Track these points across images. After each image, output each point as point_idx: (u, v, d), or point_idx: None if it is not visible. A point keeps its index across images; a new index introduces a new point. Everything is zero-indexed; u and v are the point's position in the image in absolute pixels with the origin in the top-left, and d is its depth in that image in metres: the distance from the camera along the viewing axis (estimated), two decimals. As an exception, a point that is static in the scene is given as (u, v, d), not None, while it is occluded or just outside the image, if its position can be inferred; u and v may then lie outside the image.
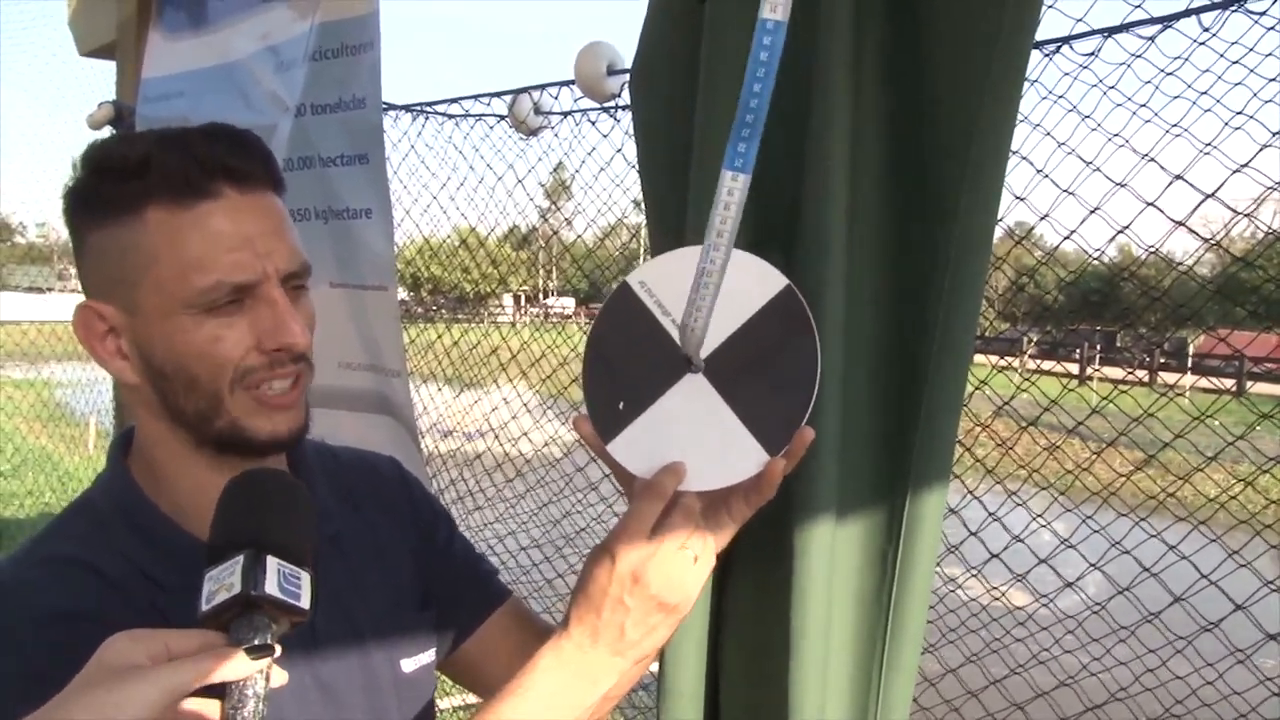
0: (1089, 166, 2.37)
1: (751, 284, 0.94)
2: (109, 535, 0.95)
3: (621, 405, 0.94)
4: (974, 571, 2.55)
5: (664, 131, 1.27)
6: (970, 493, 2.49)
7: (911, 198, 1.08)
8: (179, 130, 0.93)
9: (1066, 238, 2.46)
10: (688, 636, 1.16)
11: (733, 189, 0.86)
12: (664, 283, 0.96)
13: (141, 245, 0.90)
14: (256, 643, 0.70)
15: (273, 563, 0.73)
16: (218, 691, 0.70)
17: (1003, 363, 2.64)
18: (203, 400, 0.93)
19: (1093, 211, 2.38)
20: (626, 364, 0.96)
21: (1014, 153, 2.31)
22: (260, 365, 0.93)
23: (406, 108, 3.45)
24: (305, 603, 0.74)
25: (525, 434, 4.12)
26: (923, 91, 1.07)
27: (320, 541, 1.04)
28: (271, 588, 0.72)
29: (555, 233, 4.81)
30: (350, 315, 2.14)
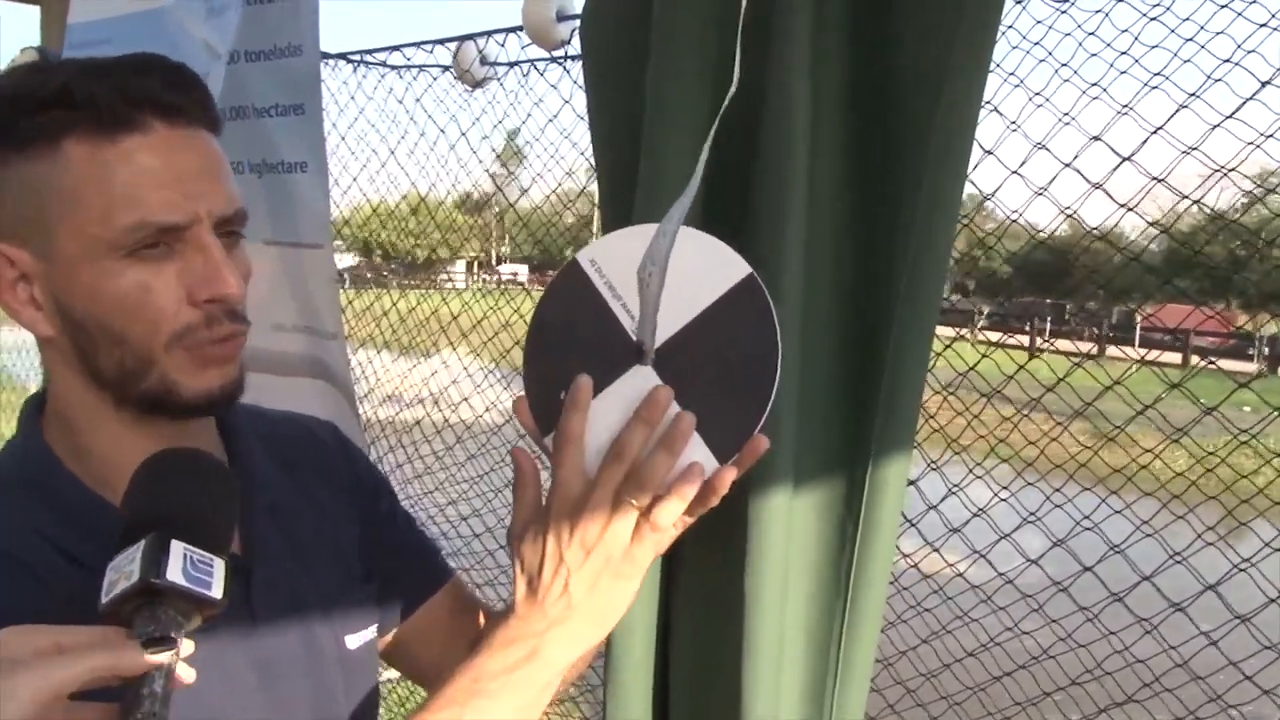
0: (1037, 147, 2.33)
1: (711, 269, 0.86)
2: (21, 510, 0.86)
3: (563, 395, 0.86)
4: (933, 547, 2.53)
5: (616, 81, 1.20)
6: (932, 464, 2.46)
7: (875, 163, 1.04)
8: (106, 60, 0.84)
9: (1013, 220, 2.43)
10: (636, 604, 1.10)
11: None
12: (616, 262, 0.88)
13: (58, 182, 0.81)
14: (155, 635, 0.63)
15: (178, 548, 0.66)
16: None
17: (955, 334, 2.61)
18: (130, 358, 0.84)
19: (1038, 194, 2.34)
20: (571, 350, 0.88)
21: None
22: (198, 323, 0.84)
23: (344, 56, 3.33)
24: (216, 592, 0.67)
25: (465, 399, 4.03)
26: (887, 59, 1.02)
27: (256, 511, 0.97)
28: (175, 575, 0.65)
29: (511, 204, 4.68)
30: (285, 274, 2.05)
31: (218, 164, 0.87)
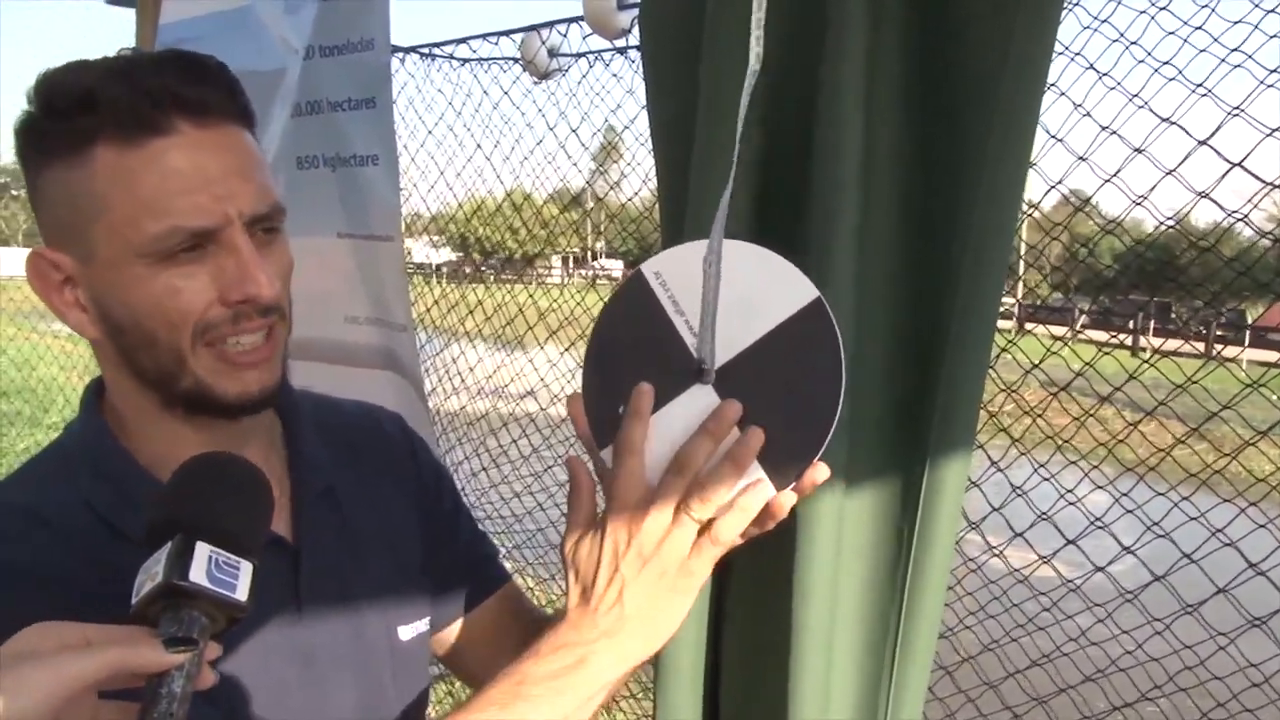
0: (1136, 153, 2.21)
1: (777, 290, 0.83)
2: (76, 481, 0.88)
3: (621, 410, 0.84)
4: (995, 551, 2.44)
5: (675, 71, 1.17)
6: (994, 464, 2.36)
7: (933, 155, 0.99)
8: (128, 58, 0.85)
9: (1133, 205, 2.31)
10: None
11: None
12: (681, 275, 0.85)
13: (91, 189, 0.82)
14: (178, 635, 0.64)
15: (203, 549, 0.66)
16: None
17: (1051, 331, 2.51)
18: (164, 358, 0.85)
19: (1137, 200, 2.22)
20: (632, 363, 0.85)
21: (1080, 109, 2.21)
22: (223, 319, 0.84)
23: (415, 49, 3.35)
24: (241, 595, 0.67)
25: (530, 392, 4.02)
26: (946, 48, 0.97)
27: (311, 499, 0.98)
28: (199, 576, 0.65)
29: (600, 199, 4.66)
30: (357, 267, 2.07)
31: (248, 160, 0.87)
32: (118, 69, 0.83)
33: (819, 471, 0.82)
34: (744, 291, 0.83)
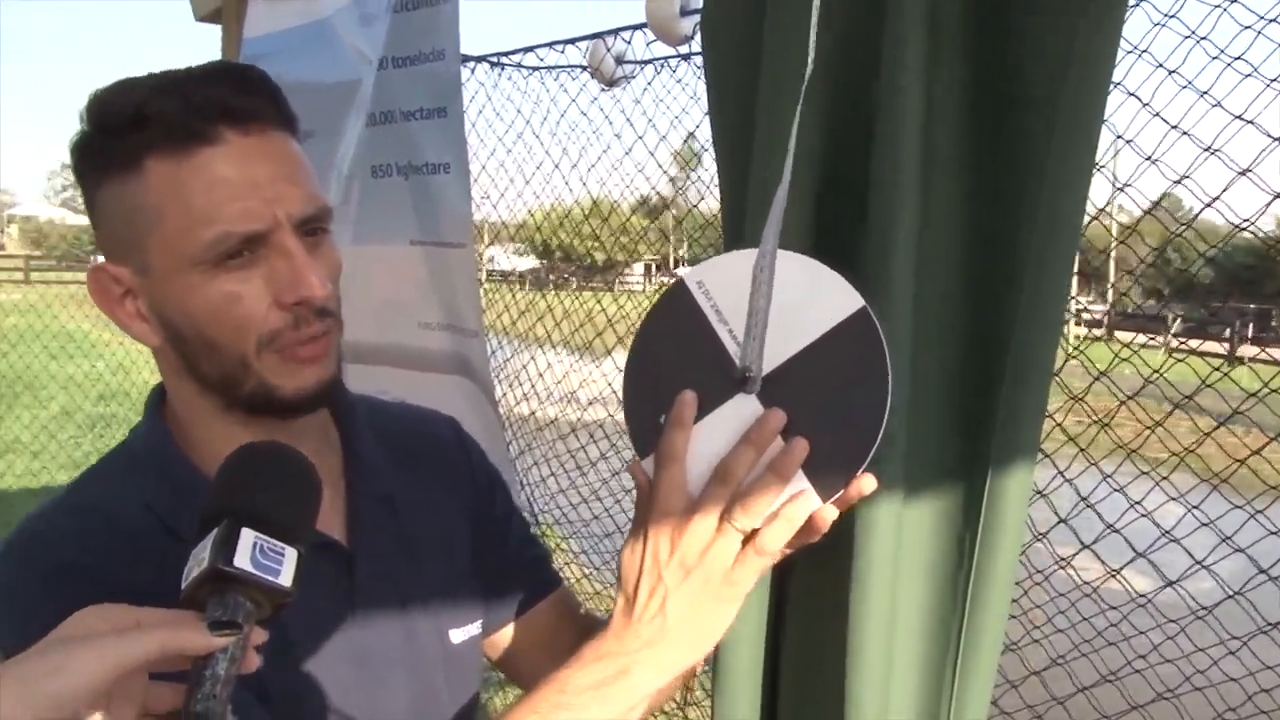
0: (1240, 174, 2.12)
1: (822, 299, 0.82)
2: (140, 484, 0.91)
3: (663, 419, 0.83)
4: (1062, 563, 2.36)
5: (736, 79, 1.17)
6: (1061, 473, 2.30)
7: (994, 160, 0.97)
8: (176, 73, 0.87)
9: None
10: (745, 612, 1.07)
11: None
12: (724, 285, 0.85)
13: (145, 202, 0.84)
14: (222, 619, 0.65)
15: (248, 535, 0.68)
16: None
17: (1141, 339, 2.43)
18: (227, 364, 0.88)
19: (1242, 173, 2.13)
20: (674, 372, 0.85)
21: (1149, 111, 2.14)
22: (285, 326, 0.87)
23: (484, 59, 3.39)
24: (285, 580, 0.68)
25: (598, 399, 4.01)
26: (1006, 51, 0.95)
27: (366, 502, 1.00)
28: (243, 561, 0.66)
29: (690, 208, 4.64)
30: (430, 273, 2.11)
31: (294, 165, 0.89)
32: (164, 85, 0.85)
33: (865, 482, 0.81)
34: (788, 300, 0.82)
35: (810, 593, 1.06)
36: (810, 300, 0.82)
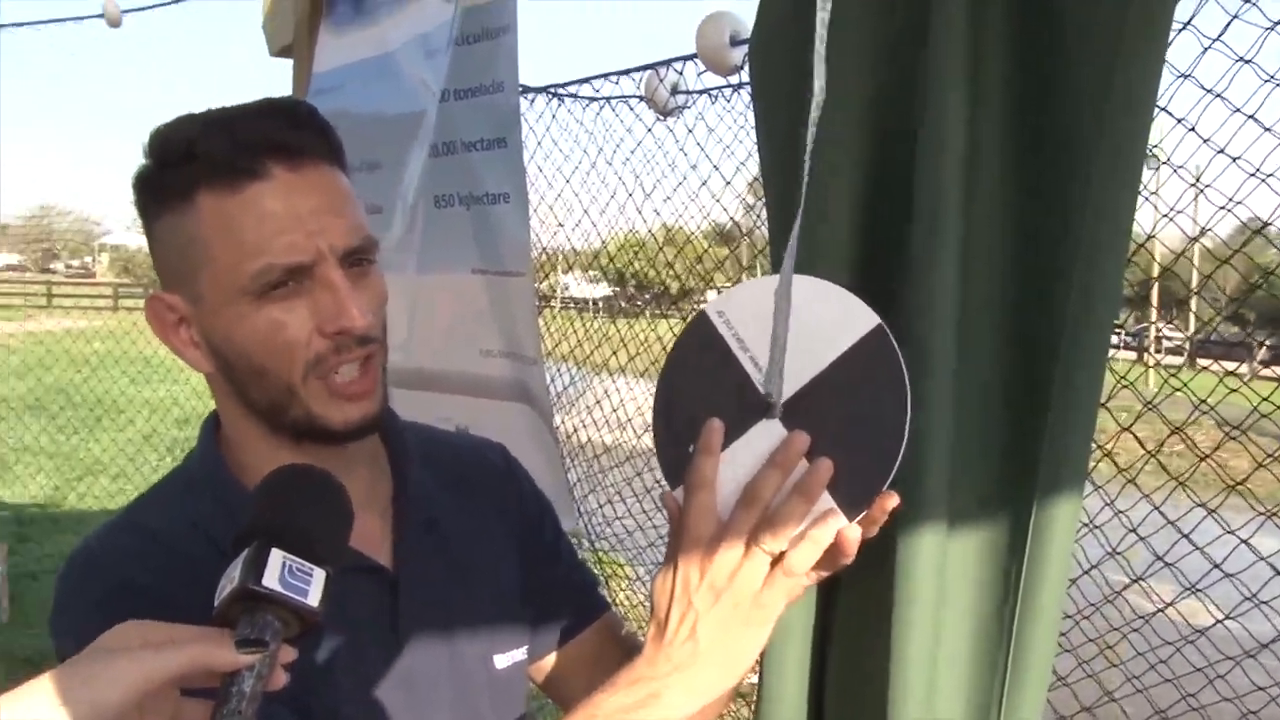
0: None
1: (838, 320, 0.84)
2: (195, 506, 0.95)
3: (691, 449, 0.85)
4: (1107, 599, 2.29)
5: (785, 109, 1.18)
6: (1109, 504, 2.23)
7: (1039, 170, 0.96)
8: (228, 109, 0.91)
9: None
10: (789, 641, 1.06)
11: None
12: (744, 314, 0.87)
13: (196, 234, 0.88)
14: (251, 636, 0.67)
15: (277, 555, 0.70)
16: None
17: (1221, 368, 2.34)
18: (274, 391, 0.91)
19: None
20: (699, 402, 0.87)
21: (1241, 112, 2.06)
22: (328, 351, 0.90)
23: (544, 90, 3.43)
24: (313, 600, 0.70)
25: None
26: (1050, 56, 0.95)
27: (413, 528, 1.02)
28: (271, 581, 0.68)
29: (751, 230, 4.62)
30: (490, 302, 2.14)
31: (340, 198, 0.92)
32: (216, 120, 0.89)
33: (890, 500, 0.82)
34: (806, 323, 0.84)
35: (855, 623, 1.05)
36: (827, 322, 0.84)
